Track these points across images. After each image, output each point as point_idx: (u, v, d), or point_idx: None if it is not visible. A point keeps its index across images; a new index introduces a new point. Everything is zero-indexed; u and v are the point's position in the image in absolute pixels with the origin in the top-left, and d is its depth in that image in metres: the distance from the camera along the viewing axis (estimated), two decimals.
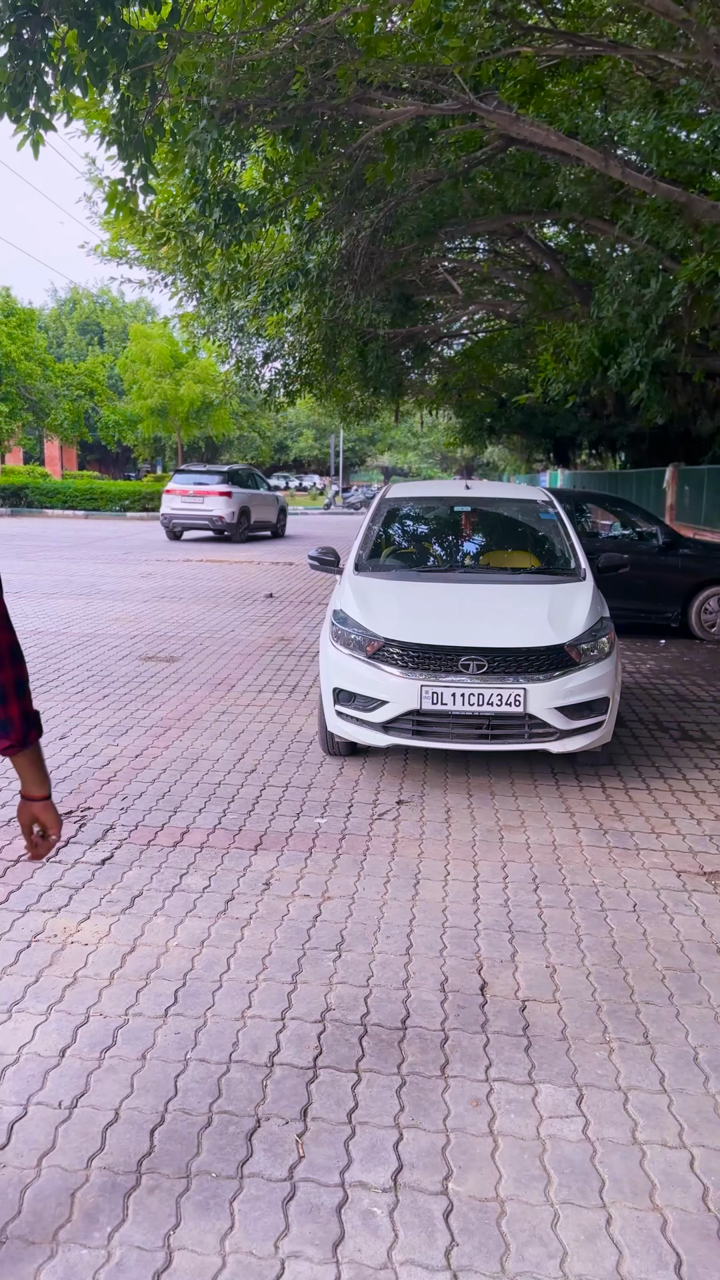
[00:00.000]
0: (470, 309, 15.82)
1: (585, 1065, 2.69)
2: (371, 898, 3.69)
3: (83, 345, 48.65)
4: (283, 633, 9.44)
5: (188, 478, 20.75)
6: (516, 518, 6.61)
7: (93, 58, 5.42)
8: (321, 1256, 2.02)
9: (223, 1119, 2.43)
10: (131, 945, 3.28)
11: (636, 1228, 2.11)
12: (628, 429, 21.17)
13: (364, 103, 7.53)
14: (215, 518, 20.29)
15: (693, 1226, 2.12)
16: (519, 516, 6.60)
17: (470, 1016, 2.91)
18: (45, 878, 3.80)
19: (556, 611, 5.05)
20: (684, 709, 6.74)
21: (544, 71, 8.12)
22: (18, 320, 29.65)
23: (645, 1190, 2.23)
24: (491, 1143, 2.37)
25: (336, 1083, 2.58)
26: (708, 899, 3.75)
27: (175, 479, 21.00)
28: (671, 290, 7.99)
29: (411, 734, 4.79)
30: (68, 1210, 2.13)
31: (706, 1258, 2.04)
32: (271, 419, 50.41)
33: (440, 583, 5.54)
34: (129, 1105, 2.47)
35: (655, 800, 4.86)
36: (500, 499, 6.81)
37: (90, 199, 13.83)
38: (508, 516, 6.68)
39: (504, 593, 5.37)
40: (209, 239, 8.88)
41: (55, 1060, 2.65)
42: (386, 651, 4.83)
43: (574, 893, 3.78)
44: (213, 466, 22.29)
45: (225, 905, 3.61)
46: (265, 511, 22.48)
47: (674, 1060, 2.72)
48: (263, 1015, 2.89)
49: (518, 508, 6.65)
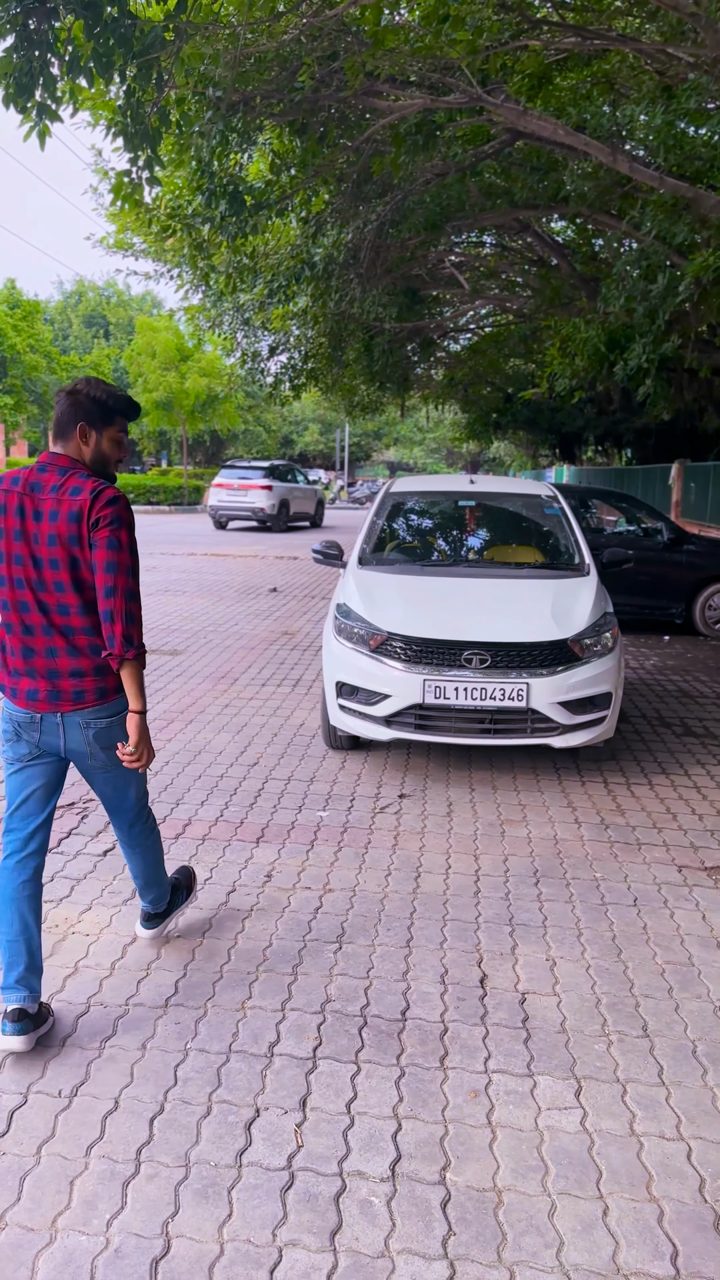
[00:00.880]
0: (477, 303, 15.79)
1: (584, 1058, 2.69)
2: (373, 890, 3.70)
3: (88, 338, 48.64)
4: (286, 626, 9.45)
5: (233, 473, 22.77)
6: (521, 513, 6.60)
7: (99, 48, 5.40)
8: (319, 1245, 2.03)
9: (222, 1108, 2.44)
10: (132, 936, 3.30)
11: (633, 1218, 2.12)
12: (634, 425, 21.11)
13: (371, 95, 7.50)
14: (257, 509, 22.25)
15: (689, 1217, 2.13)
16: (523, 511, 6.59)
17: (470, 1008, 2.92)
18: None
19: (560, 606, 5.04)
20: (687, 705, 6.74)
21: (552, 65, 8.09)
22: (23, 312, 29.66)
23: (642, 1181, 2.23)
24: (490, 1134, 2.38)
25: (336, 1073, 2.59)
26: (708, 893, 3.76)
27: (222, 474, 23.24)
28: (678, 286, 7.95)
29: (414, 728, 4.79)
30: (67, 1197, 2.14)
31: (702, 1248, 2.04)
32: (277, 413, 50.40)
33: (444, 577, 5.54)
34: (129, 1094, 2.48)
35: (657, 795, 4.86)
36: (504, 494, 6.80)
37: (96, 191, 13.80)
38: (512, 511, 6.67)
39: (507, 587, 5.37)
40: (215, 231, 8.87)
41: (56, 1049, 2.66)
42: (390, 645, 4.83)
43: (575, 886, 3.78)
44: (255, 462, 24.19)
45: (227, 897, 3.62)
46: (304, 504, 24.59)
47: (673, 1053, 2.72)
48: (263, 1006, 2.90)
49: (522, 503, 6.64)
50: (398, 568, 5.70)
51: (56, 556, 2.57)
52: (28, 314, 29.88)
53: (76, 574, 2.59)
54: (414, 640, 4.80)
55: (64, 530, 2.55)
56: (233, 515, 22.77)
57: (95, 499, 2.55)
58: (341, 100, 7.49)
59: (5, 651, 2.68)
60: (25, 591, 2.60)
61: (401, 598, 5.16)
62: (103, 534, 2.55)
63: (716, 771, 5.28)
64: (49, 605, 2.61)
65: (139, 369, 35.52)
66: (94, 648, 2.64)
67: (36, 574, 2.59)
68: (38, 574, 2.59)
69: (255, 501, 22.26)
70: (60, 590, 2.59)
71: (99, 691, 2.67)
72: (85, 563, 2.58)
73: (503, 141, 8.57)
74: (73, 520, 2.55)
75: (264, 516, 22.36)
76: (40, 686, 2.64)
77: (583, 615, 4.99)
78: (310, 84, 7.09)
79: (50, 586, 2.59)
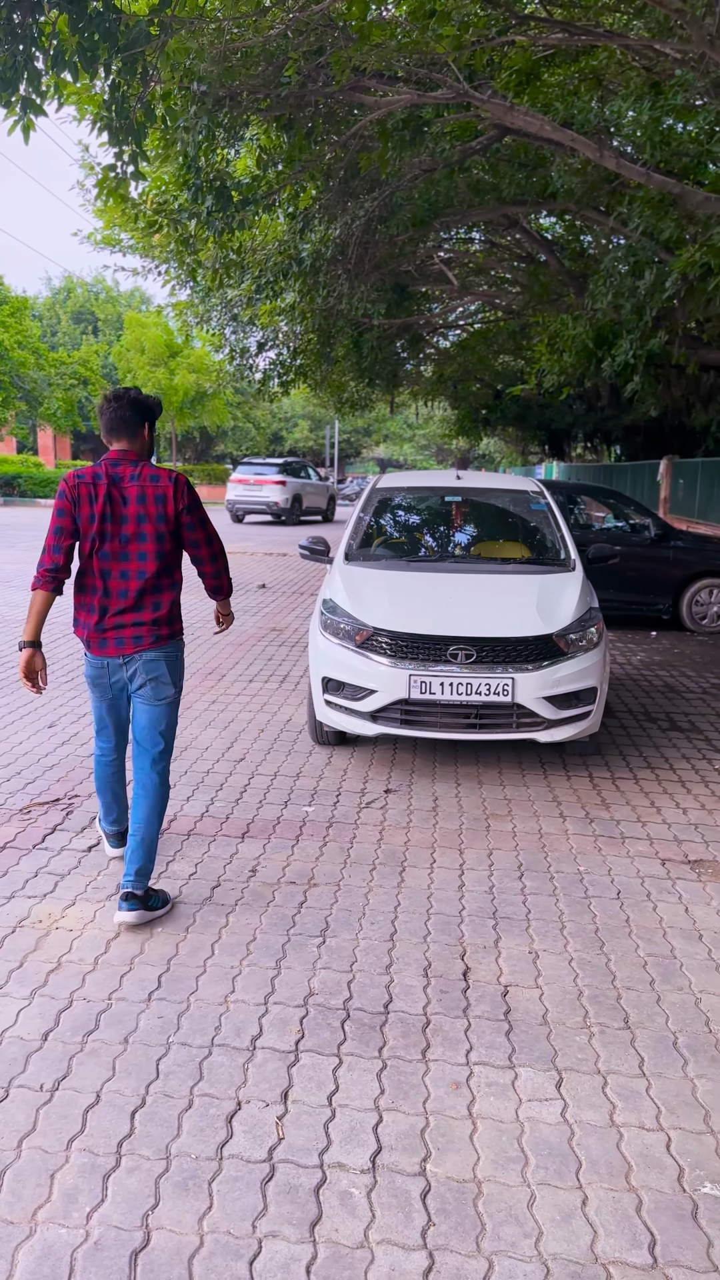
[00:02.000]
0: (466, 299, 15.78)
1: (565, 1049, 2.71)
2: (357, 885, 3.70)
3: (77, 334, 48.43)
4: (274, 623, 9.44)
5: (249, 469, 24.02)
6: (507, 508, 6.61)
7: (83, 43, 5.37)
8: (299, 1236, 2.04)
9: (204, 1101, 2.44)
10: (116, 931, 3.29)
11: (612, 1208, 2.13)
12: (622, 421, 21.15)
13: (358, 91, 7.49)
14: (271, 503, 23.56)
15: (667, 1207, 2.14)
16: (510, 507, 6.60)
17: (452, 1001, 2.93)
18: (31, 864, 3.80)
19: (545, 602, 5.05)
20: (673, 700, 6.77)
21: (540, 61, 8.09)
22: (11, 308, 29.48)
23: (622, 1171, 2.25)
24: (470, 1125, 2.39)
25: (317, 1066, 2.60)
26: (691, 886, 3.77)
27: (239, 470, 24.22)
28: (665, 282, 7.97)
29: (400, 723, 4.79)
30: (47, 1190, 2.14)
31: (680, 1237, 2.06)
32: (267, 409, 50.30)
33: (430, 572, 5.55)
34: (110, 1088, 2.48)
35: (642, 790, 4.88)
36: (491, 489, 6.81)
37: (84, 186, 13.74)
38: (498, 507, 6.68)
39: (493, 583, 5.38)
40: (201, 227, 8.84)
41: (38, 1044, 2.66)
42: (375, 641, 4.84)
43: (559, 880, 3.80)
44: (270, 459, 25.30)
45: (211, 892, 3.62)
46: (316, 499, 25.93)
47: (654, 1045, 2.74)
48: (245, 1000, 2.90)
49: (508, 498, 6.65)
50: (384, 563, 5.70)
51: (145, 532, 3.32)
52: (15, 310, 29.69)
53: (160, 547, 3.34)
54: (399, 635, 4.80)
55: (152, 510, 3.31)
56: (249, 509, 23.96)
57: (176, 485, 3.35)
58: (328, 95, 7.48)
59: (89, 610, 3.38)
60: (111, 562, 3.32)
61: (387, 593, 5.16)
62: (194, 514, 3.41)
63: (701, 766, 5.30)
64: (130, 572, 3.33)
65: (128, 365, 35.43)
66: (158, 604, 3.39)
67: (121, 547, 3.32)
68: (122, 547, 3.32)
69: (270, 496, 23.47)
70: (143, 559, 3.33)
71: (156, 636, 3.40)
72: (168, 535, 3.35)
73: (490, 137, 8.56)
74: (159, 502, 3.31)
75: (278, 510, 23.51)
76: (111, 638, 3.37)
77: (568, 610, 5.00)
78: (297, 79, 7.08)
79: (134, 556, 3.32)
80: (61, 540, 3.31)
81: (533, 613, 4.93)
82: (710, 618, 9.64)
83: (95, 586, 3.34)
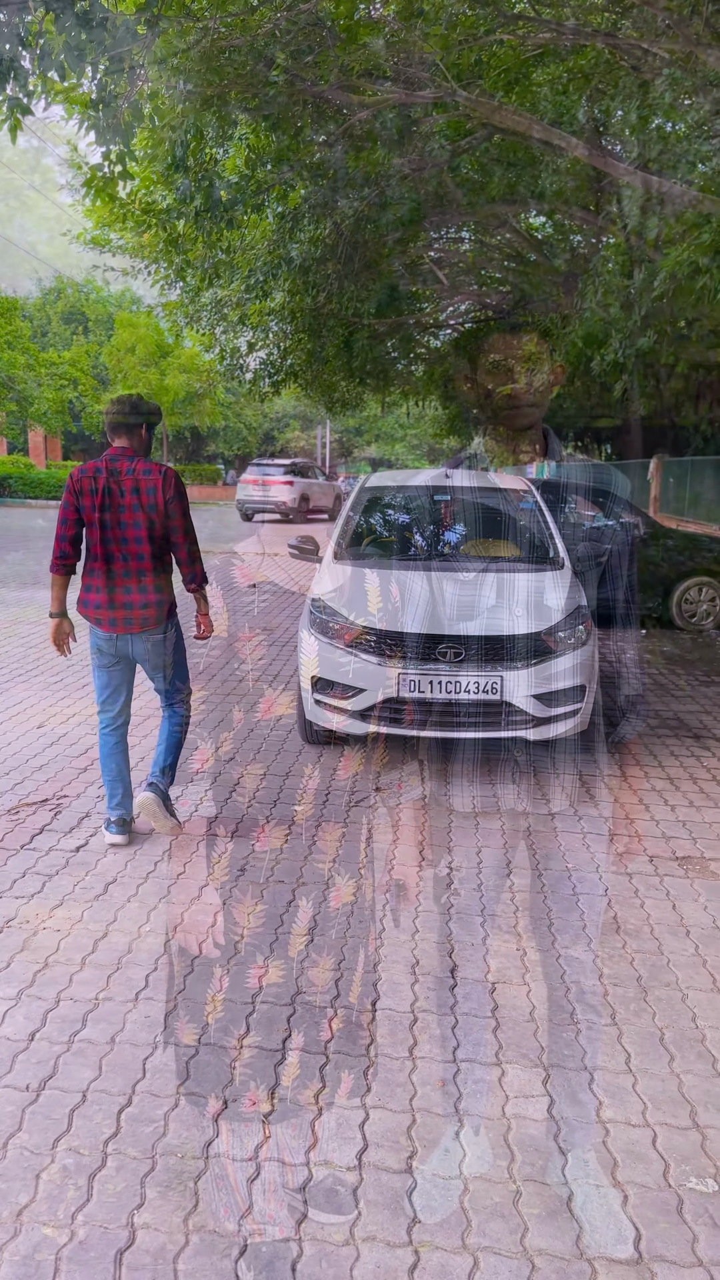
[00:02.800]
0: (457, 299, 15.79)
1: (552, 1046, 2.71)
2: (346, 883, 3.70)
3: (67, 334, 48.28)
4: (264, 622, 9.43)
5: (258, 470, 24.97)
6: (496, 507, 6.61)
7: (70, 42, 5.37)
8: (285, 1234, 2.03)
9: (190, 1100, 2.44)
10: (104, 931, 3.29)
11: (597, 1204, 2.14)
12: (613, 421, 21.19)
13: (346, 90, 7.49)
14: (279, 503, 24.35)
15: (653, 1202, 2.15)
16: (498, 506, 6.60)
17: (440, 998, 2.93)
18: (19, 865, 3.80)
19: (534, 600, 5.06)
20: (662, 698, 6.78)
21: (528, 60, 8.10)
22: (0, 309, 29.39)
23: (608, 1167, 2.25)
24: (457, 1122, 2.39)
25: (304, 1064, 2.60)
26: (679, 883, 3.78)
27: (249, 470, 25.23)
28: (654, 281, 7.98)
29: (389, 722, 4.79)
30: (32, 1190, 2.14)
31: (665, 1232, 2.06)
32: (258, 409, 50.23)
33: (418, 571, 5.55)
34: (96, 1087, 2.48)
35: (631, 787, 4.89)
36: (480, 488, 6.81)
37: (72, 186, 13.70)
38: (487, 506, 6.68)
39: (482, 581, 5.38)
40: (190, 226, 8.83)
41: (24, 1044, 2.66)
42: (364, 639, 4.84)
43: (547, 878, 3.81)
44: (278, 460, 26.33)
45: (199, 891, 3.62)
46: (323, 498, 26.83)
47: (640, 1041, 2.74)
48: (233, 999, 2.90)
49: (498, 497, 6.66)
50: (372, 562, 5.70)
51: (139, 520, 3.77)
52: (5, 310, 29.60)
53: (152, 532, 3.80)
54: (388, 634, 4.80)
55: (145, 500, 3.76)
56: (258, 508, 24.80)
57: (165, 477, 3.81)
58: (317, 94, 7.47)
59: (92, 590, 3.85)
60: (113, 546, 3.79)
61: (376, 592, 5.16)
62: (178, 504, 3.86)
63: (690, 763, 5.32)
64: (129, 555, 3.81)
65: (119, 365, 35.33)
66: (158, 586, 3.87)
67: (119, 533, 3.77)
68: (120, 533, 3.77)
69: (278, 496, 24.30)
70: (139, 544, 3.79)
71: (157, 617, 3.91)
72: (159, 523, 3.81)
73: (479, 136, 8.57)
74: (150, 492, 3.76)
75: (286, 509, 24.29)
76: (119, 616, 3.85)
77: (556, 609, 5.01)
78: (285, 78, 7.07)
79: (131, 541, 3.78)
80: (67, 529, 3.81)
81: (521, 611, 4.93)
82: (699, 615, 9.67)
83: (99, 569, 3.82)
